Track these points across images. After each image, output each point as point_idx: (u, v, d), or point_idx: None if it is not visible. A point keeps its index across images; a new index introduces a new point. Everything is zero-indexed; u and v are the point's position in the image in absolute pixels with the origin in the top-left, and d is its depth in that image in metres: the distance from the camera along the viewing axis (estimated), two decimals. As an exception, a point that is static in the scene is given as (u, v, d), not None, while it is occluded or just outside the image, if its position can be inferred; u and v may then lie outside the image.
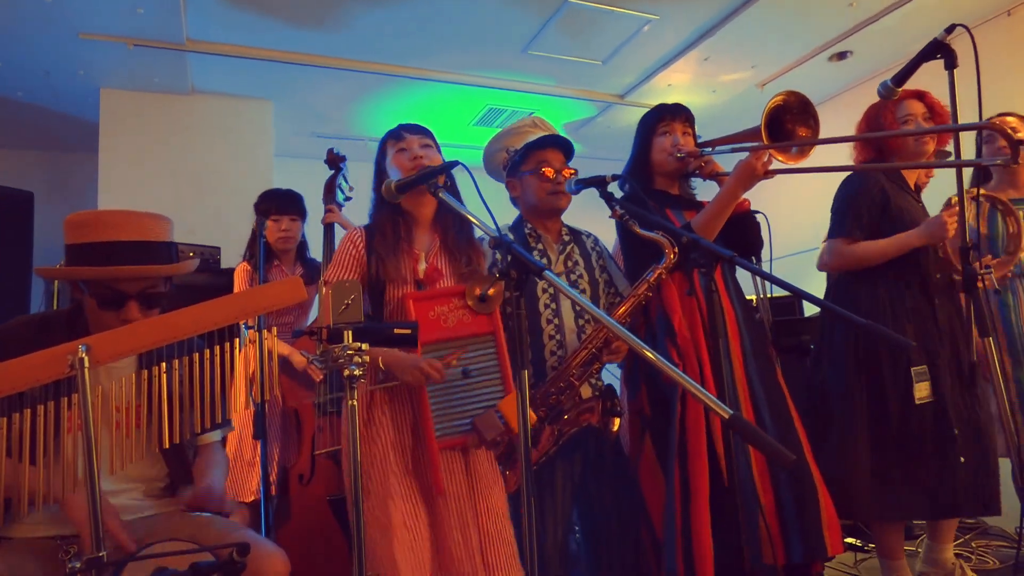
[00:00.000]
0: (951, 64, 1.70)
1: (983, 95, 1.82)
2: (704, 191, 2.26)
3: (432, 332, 1.64)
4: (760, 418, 1.94)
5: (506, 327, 1.72)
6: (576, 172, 2.05)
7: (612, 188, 1.85)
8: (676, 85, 4.38)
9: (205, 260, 3.32)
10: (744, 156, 1.96)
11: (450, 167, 1.65)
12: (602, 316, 1.15)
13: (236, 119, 4.25)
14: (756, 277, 2.66)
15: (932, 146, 2.28)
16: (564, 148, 2.09)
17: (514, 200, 2.18)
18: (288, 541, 2.43)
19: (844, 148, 2.53)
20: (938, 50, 1.73)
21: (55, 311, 1.63)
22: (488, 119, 4.80)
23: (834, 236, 2.27)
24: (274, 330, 1.32)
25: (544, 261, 2.05)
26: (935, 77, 1.90)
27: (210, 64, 3.80)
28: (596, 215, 2.38)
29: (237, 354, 1.27)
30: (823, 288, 2.71)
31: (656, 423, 1.98)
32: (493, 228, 1.44)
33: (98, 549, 1.13)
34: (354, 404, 1.33)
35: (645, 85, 4.37)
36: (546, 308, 2.01)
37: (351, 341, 1.31)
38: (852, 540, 2.84)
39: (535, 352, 1.98)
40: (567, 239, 2.13)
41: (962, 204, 1.90)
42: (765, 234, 2.22)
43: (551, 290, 2.02)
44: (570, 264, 2.09)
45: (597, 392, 1.97)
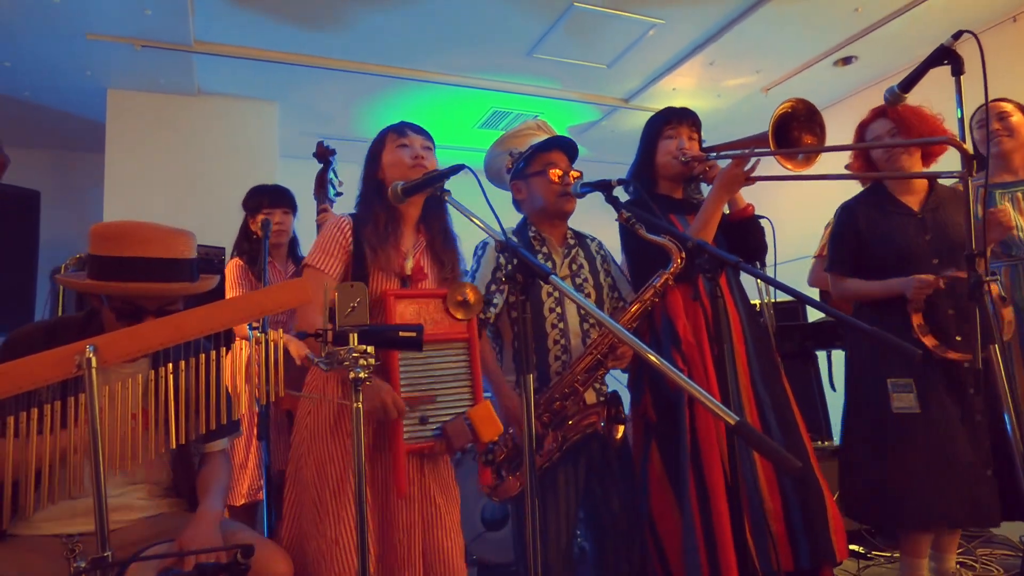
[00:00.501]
0: (958, 70, 1.70)
1: (990, 99, 1.82)
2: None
3: None
4: (766, 423, 1.94)
5: (512, 331, 1.71)
6: (581, 175, 2.05)
7: (617, 192, 1.85)
8: (681, 89, 4.38)
9: (209, 260, 3.31)
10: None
11: (456, 171, 1.66)
12: (608, 321, 1.15)
13: (241, 120, 4.26)
14: (760, 282, 2.67)
15: (911, 160, 2.28)
16: (569, 150, 2.09)
17: (517, 203, 2.17)
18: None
19: (848, 153, 2.54)
20: (945, 56, 1.72)
21: (68, 317, 1.62)
22: (492, 122, 4.81)
23: (827, 269, 2.43)
24: (280, 331, 1.32)
25: (548, 265, 2.04)
26: (942, 83, 1.90)
27: (216, 65, 3.82)
28: (599, 219, 2.38)
29: (240, 356, 1.27)
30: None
31: (662, 429, 1.96)
32: (499, 231, 1.45)
33: (103, 549, 1.13)
34: (358, 407, 1.33)
35: (650, 89, 4.37)
36: (551, 312, 2.00)
37: (357, 343, 1.31)
38: (856, 547, 2.83)
39: (539, 357, 1.97)
40: (572, 242, 2.13)
41: (970, 210, 1.89)
42: (769, 239, 2.23)
43: (556, 294, 2.01)
44: (575, 268, 2.09)
45: (602, 398, 1.96)
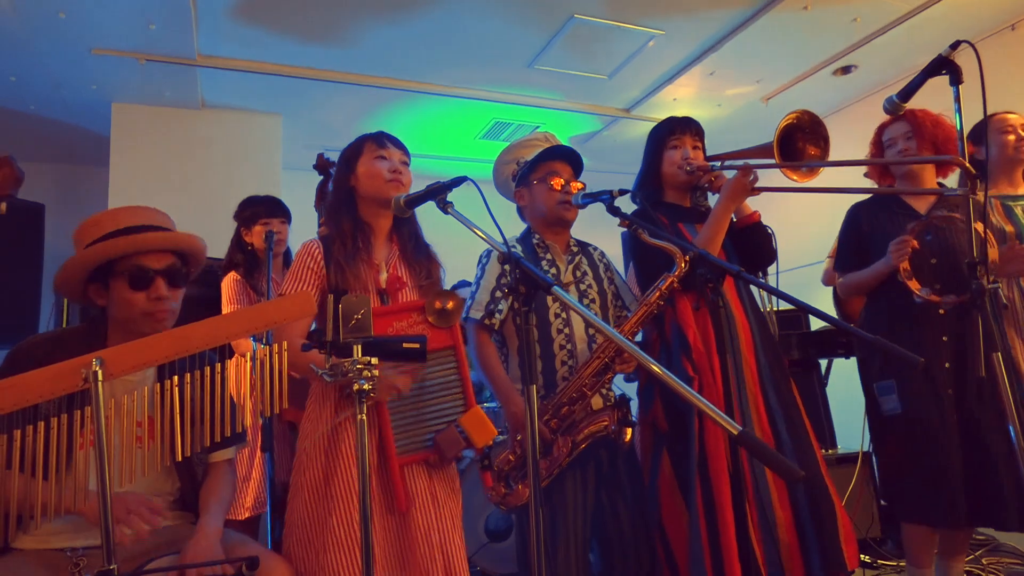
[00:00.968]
0: (956, 80, 1.71)
1: (988, 109, 1.84)
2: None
3: None
4: (776, 432, 1.92)
5: (518, 339, 1.72)
6: (585, 187, 2.06)
7: (619, 202, 1.86)
8: (681, 99, 4.40)
9: (214, 273, 3.32)
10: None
11: (458, 183, 1.67)
12: (608, 331, 1.16)
13: (246, 133, 4.29)
14: (762, 290, 2.67)
15: (922, 168, 2.31)
16: (574, 162, 2.11)
17: (520, 211, 2.19)
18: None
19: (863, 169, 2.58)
20: (943, 66, 1.74)
21: (69, 328, 1.63)
22: (494, 133, 4.83)
23: (835, 268, 2.48)
24: (284, 343, 1.33)
25: (553, 271, 2.06)
26: (940, 92, 1.91)
27: (220, 79, 3.85)
28: (602, 230, 2.39)
29: (247, 367, 1.28)
30: (830, 301, 2.71)
31: (673, 437, 1.96)
32: (501, 243, 1.46)
33: (109, 562, 1.13)
34: (363, 418, 1.34)
35: (651, 99, 4.39)
36: (556, 318, 2.01)
37: (360, 355, 1.32)
38: (863, 556, 2.82)
39: (546, 363, 1.98)
40: (575, 250, 2.15)
41: (970, 216, 1.89)
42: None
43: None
44: (578, 275, 2.10)
45: (609, 403, 1.96)
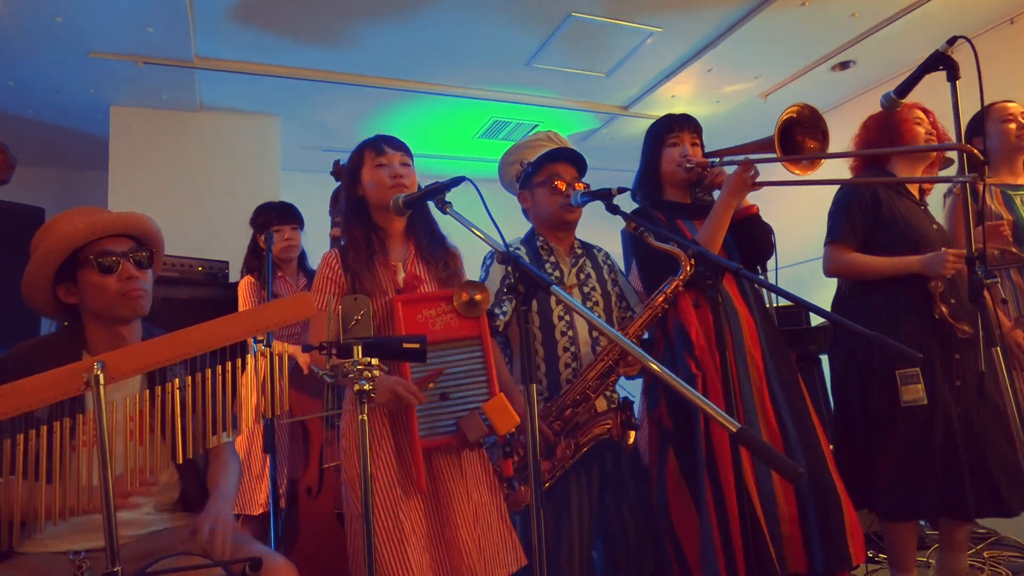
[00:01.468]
0: (953, 76, 1.71)
1: (986, 103, 1.84)
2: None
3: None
4: (783, 428, 1.92)
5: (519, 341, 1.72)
6: (588, 186, 2.06)
7: (618, 200, 1.86)
8: (680, 96, 4.40)
9: (213, 275, 3.34)
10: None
11: (456, 183, 1.67)
12: (611, 333, 1.16)
13: (244, 134, 4.29)
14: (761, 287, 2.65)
15: (931, 155, 2.31)
16: (577, 163, 2.11)
17: (526, 212, 2.19)
18: (297, 555, 2.43)
19: (849, 159, 2.55)
20: (940, 62, 1.74)
21: (49, 335, 1.62)
22: (493, 131, 4.84)
23: (829, 241, 2.29)
24: (286, 344, 1.33)
25: (556, 274, 2.06)
26: (938, 88, 1.91)
27: (218, 81, 3.85)
28: (602, 228, 2.39)
29: (247, 369, 1.28)
30: (830, 297, 2.71)
31: (679, 435, 1.96)
32: (500, 242, 1.46)
33: (113, 564, 1.14)
34: (364, 419, 1.34)
35: (649, 96, 4.39)
36: (560, 320, 2.01)
37: (361, 356, 1.32)
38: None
39: (550, 365, 1.98)
40: (579, 252, 2.14)
41: (967, 214, 1.89)
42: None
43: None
44: (582, 277, 2.10)
45: (613, 405, 1.96)
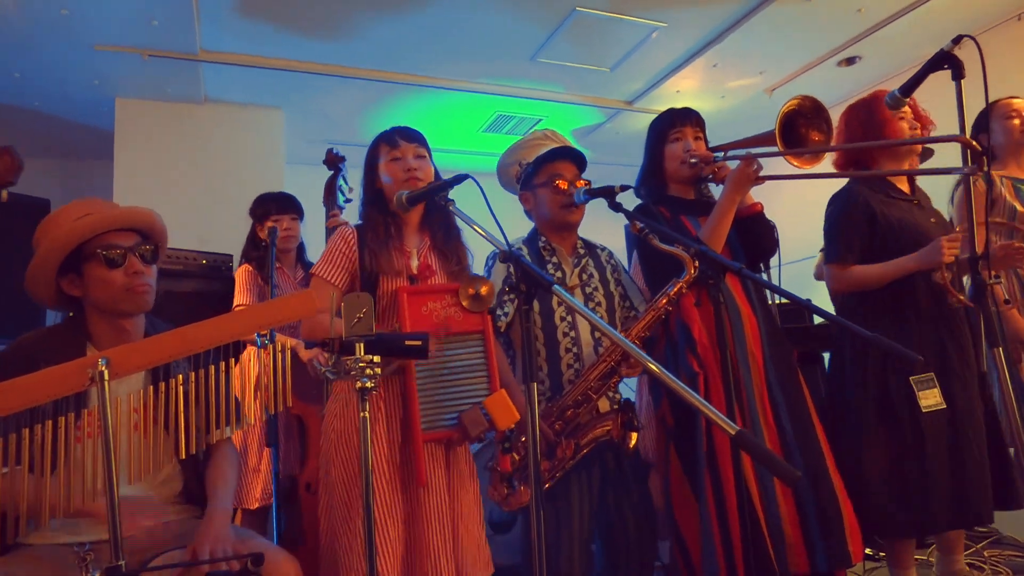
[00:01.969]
0: (958, 75, 1.71)
1: (992, 99, 1.84)
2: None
3: (423, 326, 1.69)
4: (781, 428, 1.92)
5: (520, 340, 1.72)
6: (590, 183, 2.04)
7: (621, 197, 1.85)
8: (684, 91, 4.38)
9: (217, 268, 3.35)
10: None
11: (459, 181, 1.66)
12: (610, 331, 1.17)
13: (248, 127, 4.29)
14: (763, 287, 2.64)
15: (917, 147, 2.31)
16: (577, 160, 2.09)
17: (528, 213, 2.18)
18: (295, 549, 2.44)
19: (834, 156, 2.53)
20: (944, 61, 1.73)
21: (51, 327, 1.63)
22: (497, 125, 4.82)
23: (828, 262, 2.26)
24: (289, 341, 1.34)
25: (558, 275, 2.05)
26: (943, 86, 1.91)
27: (223, 74, 3.85)
28: (605, 225, 2.38)
29: (249, 365, 1.29)
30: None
31: (680, 433, 1.96)
32: (502, 240, 1.46)
33: (117, 557, 1.15)
34: (365, 416, 1.35)
35: (653, 91, 4.37)
36: (562, 321, 2.00)
37: (363, 353, 1.33)
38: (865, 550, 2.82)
39: (552, 366, 1.98)
40: (582, 252, 2.13)
41: (970, 214, 1.88)
42: (774, 239, 2.22)
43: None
44: (585, 277, 2.09)
45: (615, 406, 1.96)
